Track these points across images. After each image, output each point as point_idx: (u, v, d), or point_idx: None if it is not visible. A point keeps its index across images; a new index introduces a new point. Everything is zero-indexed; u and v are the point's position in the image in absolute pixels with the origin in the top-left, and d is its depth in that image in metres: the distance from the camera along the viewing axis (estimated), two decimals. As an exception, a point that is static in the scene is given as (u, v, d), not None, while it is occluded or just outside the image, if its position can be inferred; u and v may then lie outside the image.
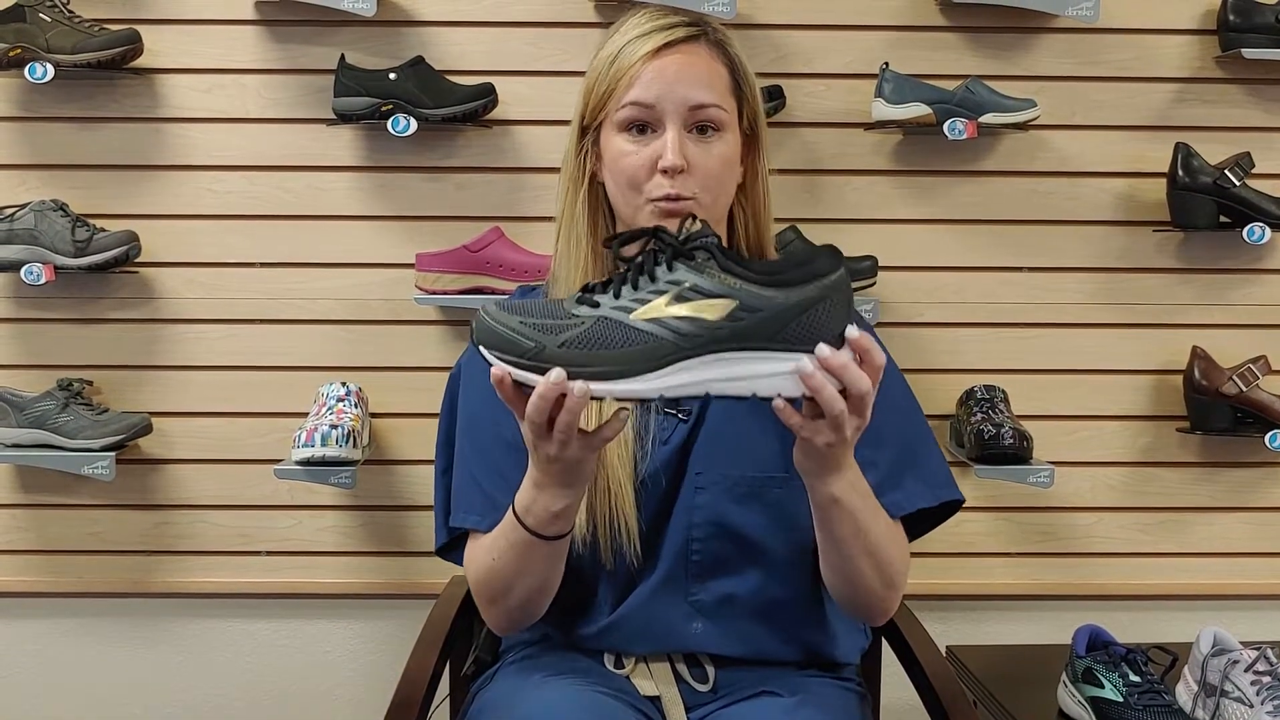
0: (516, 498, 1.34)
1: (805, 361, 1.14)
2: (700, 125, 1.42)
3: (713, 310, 1.13)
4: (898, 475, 1.48)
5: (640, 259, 1.17)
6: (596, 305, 1.15)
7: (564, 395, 1.14)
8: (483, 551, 1.43)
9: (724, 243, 1.52)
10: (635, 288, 1.16)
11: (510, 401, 1.18)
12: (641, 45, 1.41)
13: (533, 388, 1.15)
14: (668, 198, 1.40)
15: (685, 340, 1.13)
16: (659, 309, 1.14)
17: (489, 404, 1.43)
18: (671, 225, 1.40)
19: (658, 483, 1.45)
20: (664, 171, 1.40)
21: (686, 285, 1.14)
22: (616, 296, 1.15)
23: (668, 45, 1.41)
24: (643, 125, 1.42)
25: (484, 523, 1.45)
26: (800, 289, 1.14)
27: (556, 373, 1.13)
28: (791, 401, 1.17)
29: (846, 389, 1.15)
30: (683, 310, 1.13)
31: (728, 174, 1.45)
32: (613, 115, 1.42)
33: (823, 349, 1.14)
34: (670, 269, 1.15)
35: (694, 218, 1.19)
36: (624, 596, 1.47)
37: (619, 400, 1.17)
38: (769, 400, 1.16)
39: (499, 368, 1.16)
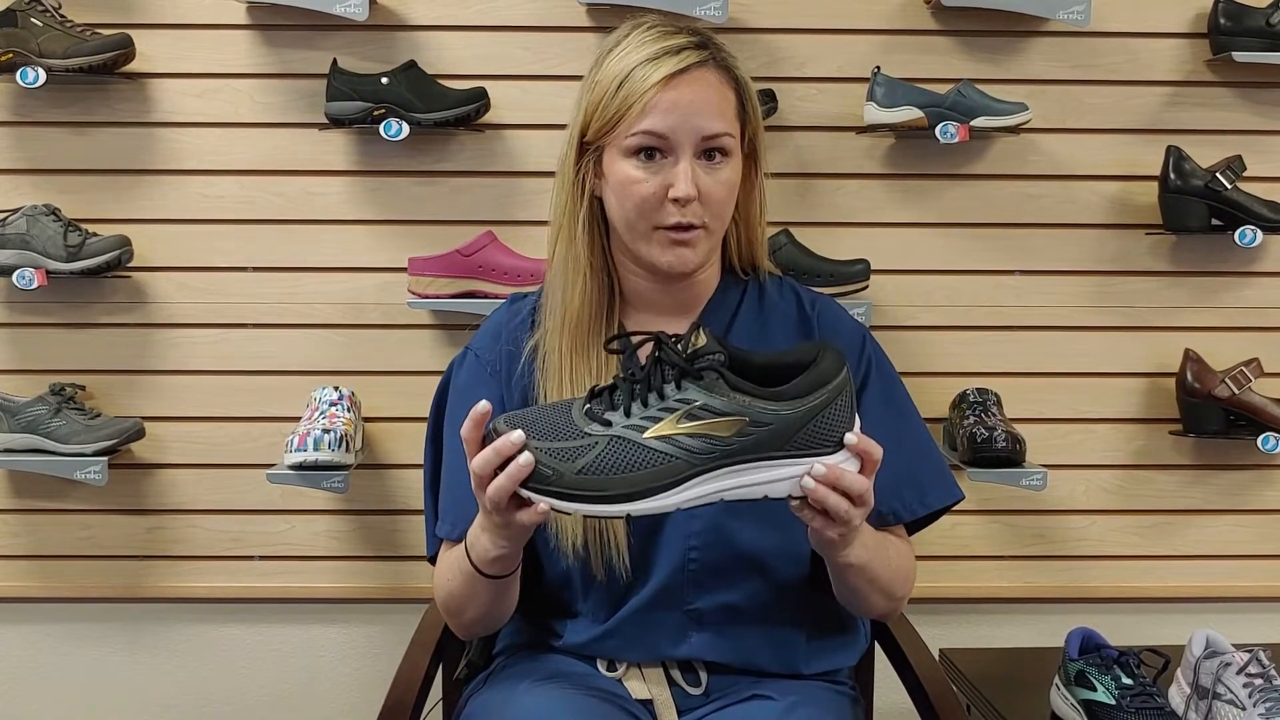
0: (469, 530, 1.37)
1: (807, 480, 1.20)
2: (709, 152, 1.42)
3: (723, 427, 1.17)
4: (905, 480, 1.50)
5: (647, 372, 1.19)
6: (608, 424, 1.18)
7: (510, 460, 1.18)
8: (444, 568, 1.47)
9: (722, 252, 1.53)
10: (645, 404, 1.18)
11: (469, 443, 1.22)
12: (652, 71, 1.40)
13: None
14: (678, 226, 1.42)
15: (697, 457, 1.17)
16: (670, 427, 1.17)
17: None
18: (675, 257, 1.43)
19: None
20: (675, 201, 1.41)
21: (697, 404, 1.17)
22: (627, 415, 1.18)
23: (679, 73, 1.40)
24: (652, 151, 1.42)
25: (454, 533, 1.47)
26: (807, 399, 1.19)
27: (518, 435, 1.18)
28: None
29: (847, 491, 1.21)
30: (693, 428, 1.17)
31: (733, 197, 1.47)
32: (621, 140, 1.42)
33: (818, 468, 1.20)
34: (679, 387, 1.18)
35: (699, 329, 1.21)
36: (619, 604, 1.47)
37: (638, 515, 1.20)
38: (781, 500, 1.22)
39: (522, 492, 1.19)
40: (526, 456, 1.17)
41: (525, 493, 1.19)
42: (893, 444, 1.49)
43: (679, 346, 1.20)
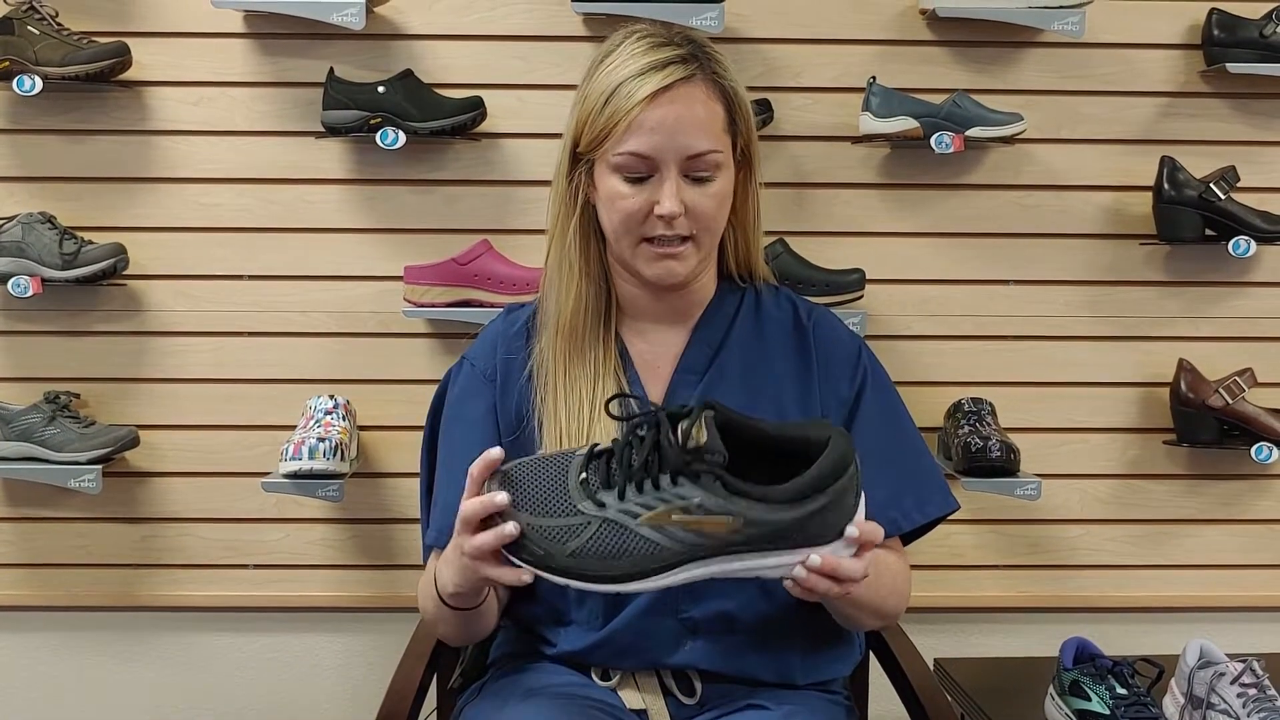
0: (441, 556, 1.39)
1: (799, 569, 1.19)
2: (697, 169, 1.42)
3: (718, 525, 1.16)
4: (903, 490, 1.51)
5: (645, 458, 1.18)
6: (602, 505, 1.17)
7: (497, 516, 1.19)
8: (425, 582, 1.47)
9: (717, 258, 1.53)
10: (640, 490, 1.17)
11: (471, 482, 1.23)
12: (638, 88, 1.39)
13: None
14: (663, 239, 1.42)
15: (690, 549, 1.17)
16: (664, 517, 1.16)
17: (469, 428, 1.44)
18: (663, 270, 1.43)
19: None
20: (661, 218, 1.41)
21: (694, 501, 1.16)
22: (621, 498, 1.17)
23: (663, 90, 1.39)
24: (638, 169, 1.41)
25: (441, 541, 1.47)
26: (807, 503, 1.17)
27: (503, 497, 1.18)
28: None
29: (842, 579, 1.22)
30: (688, 521, 1.16)
31: (723, 209, 1.46)
32: (609, 156, 1.41)
33: (814, 559, 1.19)
34: (675, 482, 1.16)
35: (703, 416, 1.18)
36: (614, 613, 1.47)
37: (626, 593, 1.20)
38: (775, 580, 1.22)
39: (512, 560, 1.20)
40: (513, 527, 1.18)
41: (515, 561, 1.19)
42: (890, 455, 1.50)
43: (679, 430, 1.17)
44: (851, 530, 1.20)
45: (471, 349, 1.58)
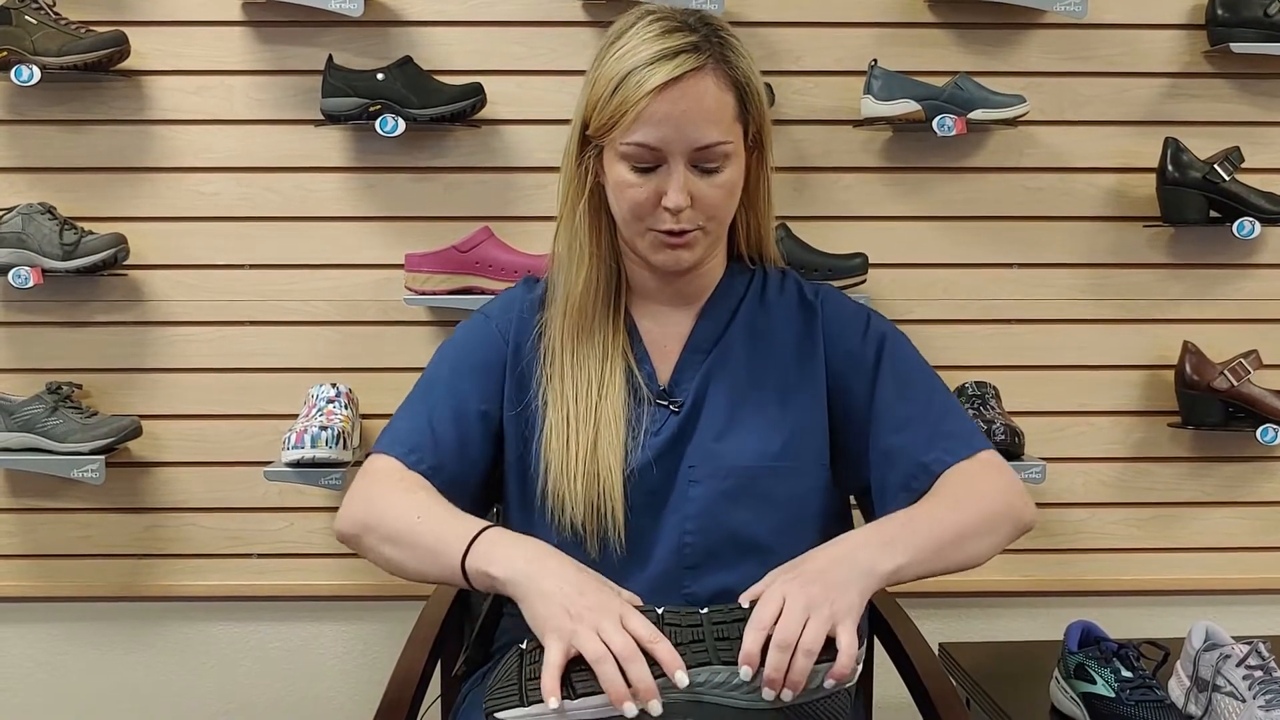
0: (489, 544, 1.33)
1: (745, 670, 1.22)
2: (705, 160, 1.40)
3: None
4: (939, 434, 1.46)
5: None
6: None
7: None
8: (391, 497, 1.43)
9: (727, 239, 1.53)
10: None
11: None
12: (647, 77, 1.36)
13: None
14: (670, 232, 1.42)
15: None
16: None
17: (470, 374, 1.46)
18: (670, 258, 1.43)
19: (650, 475, 1.45)
20: (667, 209, 1.40)
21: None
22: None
23: (674, 81, 1.36)
24: (646, 160, 1.40)
25: (421, 464, 1.46)
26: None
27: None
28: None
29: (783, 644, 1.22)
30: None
31: (731, 199, 1.45)
32: (616, 144, 1.40)
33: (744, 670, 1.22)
34: None
35: None
36: (615, 591, 1.46)
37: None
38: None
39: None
40: (682, 676, 1.20)
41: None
42: (916, 409, 1.47)
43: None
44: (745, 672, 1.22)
45: (488, 305, 1.58)
